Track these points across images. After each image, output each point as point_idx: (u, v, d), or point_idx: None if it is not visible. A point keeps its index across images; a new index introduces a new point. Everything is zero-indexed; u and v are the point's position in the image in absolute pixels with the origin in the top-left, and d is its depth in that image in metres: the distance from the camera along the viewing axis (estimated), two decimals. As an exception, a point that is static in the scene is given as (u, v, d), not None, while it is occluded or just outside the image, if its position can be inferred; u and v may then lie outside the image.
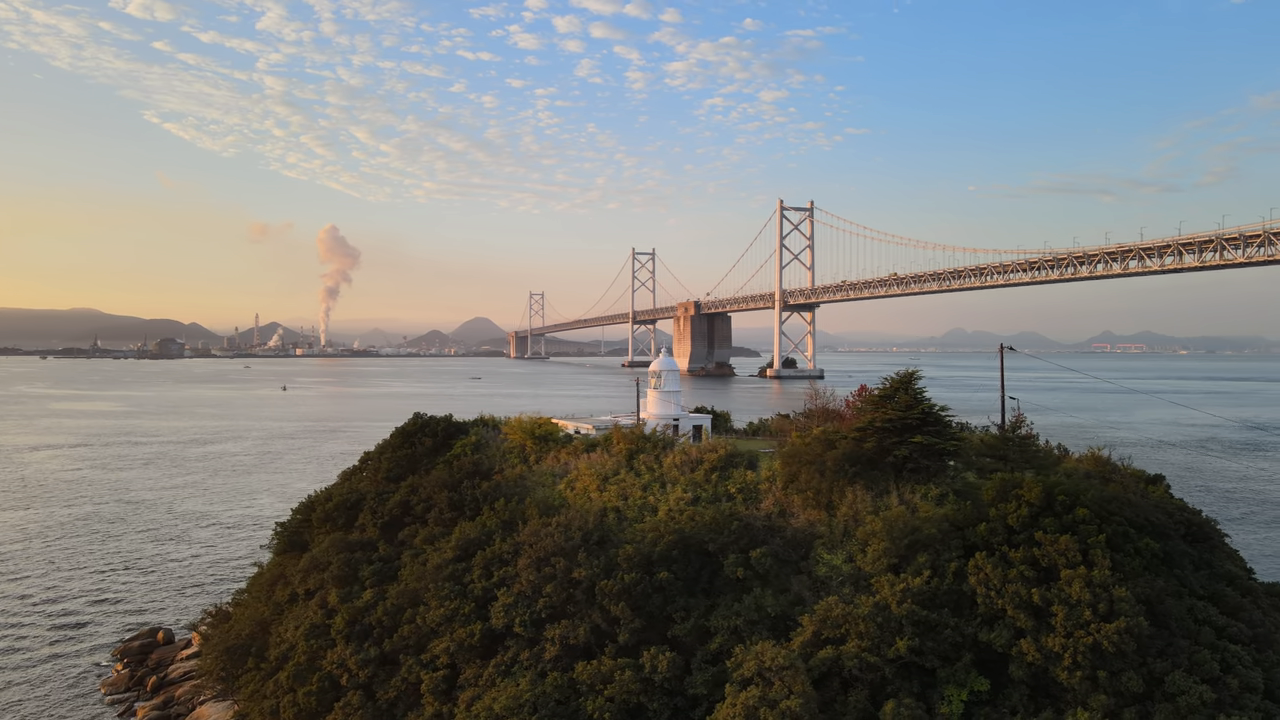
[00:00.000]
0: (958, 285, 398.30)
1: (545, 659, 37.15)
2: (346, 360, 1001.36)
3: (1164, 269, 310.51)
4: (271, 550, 61.56)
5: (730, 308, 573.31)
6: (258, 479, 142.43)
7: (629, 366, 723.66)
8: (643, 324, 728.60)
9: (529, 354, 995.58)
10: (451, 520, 46.80)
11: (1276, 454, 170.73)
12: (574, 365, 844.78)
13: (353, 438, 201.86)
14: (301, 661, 43.01)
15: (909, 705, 30.76)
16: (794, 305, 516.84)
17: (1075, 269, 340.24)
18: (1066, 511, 34.95)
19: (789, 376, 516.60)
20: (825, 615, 33.72)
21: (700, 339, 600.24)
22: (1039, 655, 30.99)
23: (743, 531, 39.03)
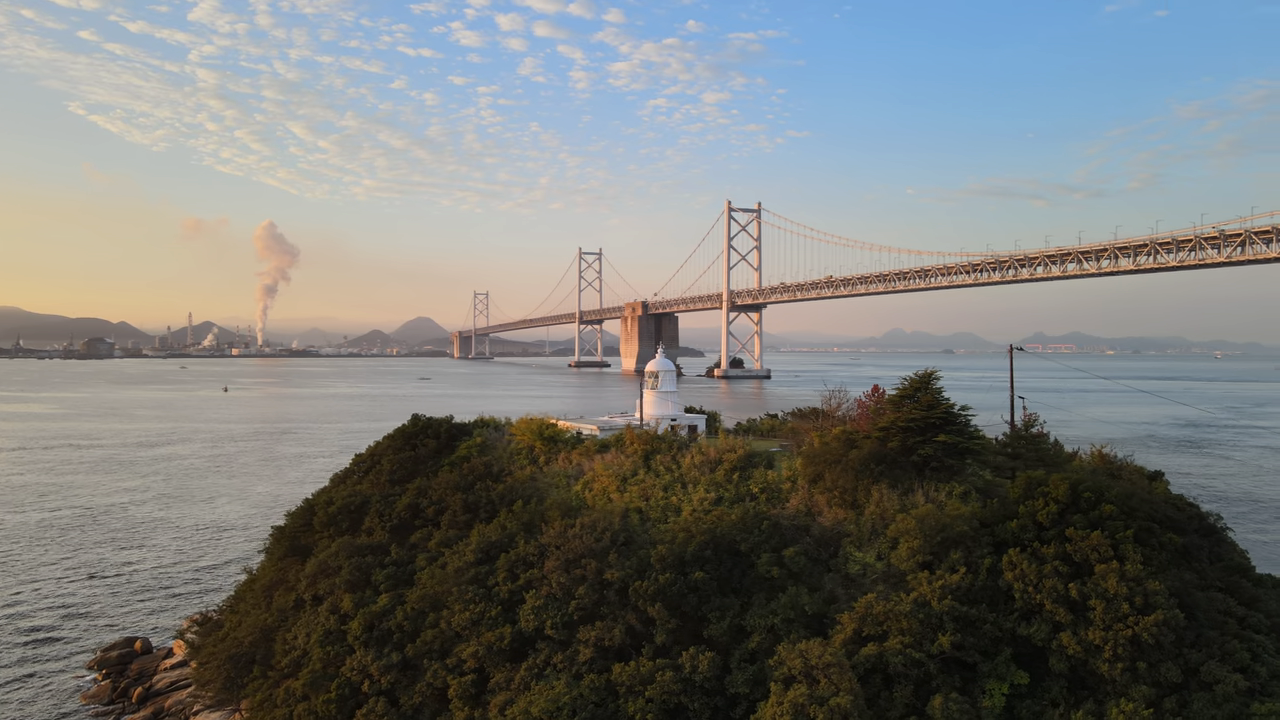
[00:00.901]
0: (903, 286, 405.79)
1: (579, 661, 36.97)
2: (285, 360, 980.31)
3: (1100, 272, 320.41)
4: (266, 555, 60.16)
5: (678, 308, 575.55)
6: (213, 482, 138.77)
7: (576, 367, 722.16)
8: (589, 324, 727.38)
9: (473, 354, 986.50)
10: (467, 523, 46.26)
11: (1214, 450, 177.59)
12: (520, 365, 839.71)
13: (305, 439, 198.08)
14: (317, 669, 42.13)
15: (956, 700, 31.36)
16: (741, 306, 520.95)
17: (1016, 271, 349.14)
18: (1092, 508, 35.98)
19: (736, 376, 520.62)
20: (866, 612, 34.17)
21: (647, 339, 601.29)
22: (1080, 648, 31.84)
23: (773, 531, 39.36)
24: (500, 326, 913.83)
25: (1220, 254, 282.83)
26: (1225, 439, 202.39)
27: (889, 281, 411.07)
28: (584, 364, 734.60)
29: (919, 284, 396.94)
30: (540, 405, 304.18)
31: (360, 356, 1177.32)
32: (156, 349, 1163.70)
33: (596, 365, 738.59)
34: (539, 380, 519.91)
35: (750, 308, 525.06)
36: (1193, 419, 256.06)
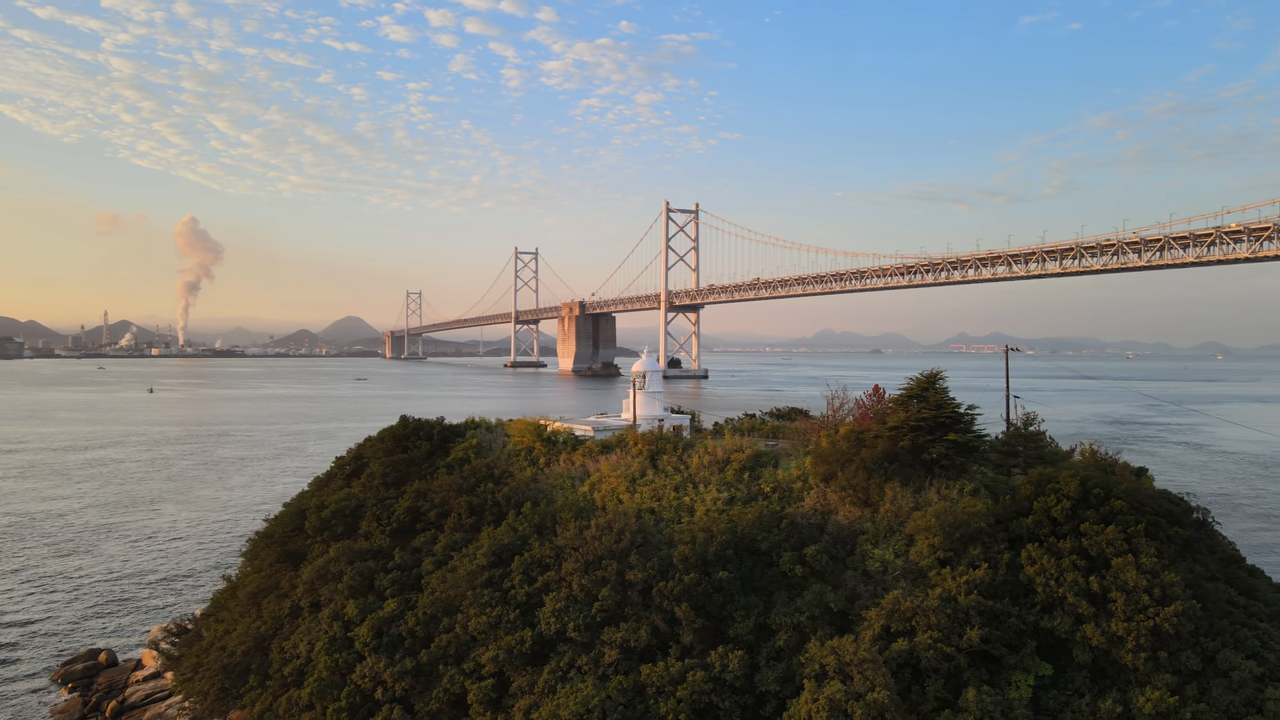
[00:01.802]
0: (840, 288, 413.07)
1: (604, 663, 36.82)
2: (209, 361, 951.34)
3: (1029, 274, 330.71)
4: (247, 561, 58.42)
5: (616, 308, 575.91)
6: (154, 487, 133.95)
7: (512, 367, 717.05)
8: (526, 324, 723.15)
9: (406, 354, 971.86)
10: (473, 526, 45.64)
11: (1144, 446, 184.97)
12: (455, 366, 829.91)
13: (244, 442, 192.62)
14: (324, 677, 41.11)
15: (988, 692, 32.16)
16: (680, 306, 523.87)
17: (949, 273, 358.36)
18: (1101, 504, 37.26)
19: (675, 376, 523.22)
20: (893, 609, 34.79)
21: (585, 339, 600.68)
22: (1104, 639, 32.96)
23: (792, 530, 39.79)
24: (434, 326, 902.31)
25: (1141, 258, 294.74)
26: (1151, 434, 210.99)
27: (826, 283, 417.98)
28: (520, 364, 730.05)
29: (855, 285, 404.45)
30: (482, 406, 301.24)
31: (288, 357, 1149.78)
32: (70, 349, 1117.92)
33: (533, 365, 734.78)
34: (477, 380, 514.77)
35: (688, 308, 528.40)
36: (1119, 416, 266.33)
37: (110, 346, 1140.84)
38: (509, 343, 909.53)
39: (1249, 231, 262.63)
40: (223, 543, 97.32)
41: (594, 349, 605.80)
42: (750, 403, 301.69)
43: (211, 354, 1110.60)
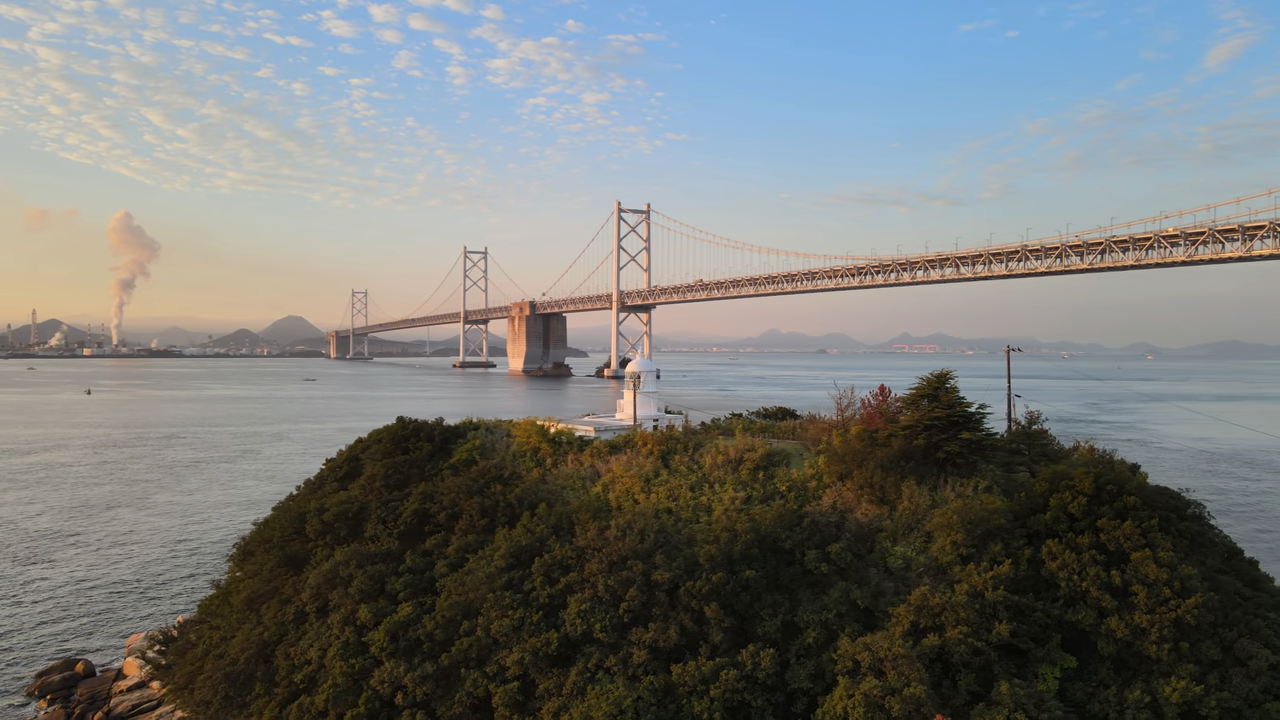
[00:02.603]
0: (792, 288, 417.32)
1: (633, 663, 36.80)
2: (146, 361, 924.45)
3: (976, 276, 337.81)
4: (236, 566, 57.08)
5: (567, 308, 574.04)
6: (109, 491, 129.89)
7: (461, 367, 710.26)
8: (475, 324, 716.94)
9: (351, 354, 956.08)
10: (485, 527, 45.20)
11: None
12: (403, 366, 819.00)
13: (196, 444, 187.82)
14: (340, 683, 40.39)
15: (1019, 685, 32.91)
16: (631, 306, 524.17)
17: (899, 274, 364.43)
18: (1114, 499, 38.37)
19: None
20: (922, 604, 35.36)
21: (535, 339, 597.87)
22: (1128, 631, 33.95)
23: (813, 528, 40.21)
24: (381, 326, 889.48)
25: (1083, 260, 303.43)
26: (1096, 432, 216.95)
27: (778, 283, 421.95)
28: (469, 364, 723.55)
29: (807, 285, 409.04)
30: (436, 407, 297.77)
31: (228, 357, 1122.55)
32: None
33: (482, 366, 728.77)
34: (427, 380, 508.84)
35: (640, 308, 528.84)
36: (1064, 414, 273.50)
37: (39, 346, 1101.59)
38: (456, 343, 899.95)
39: (1185, 236, 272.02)
40: (190, 548, 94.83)
41: (545, 349, 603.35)
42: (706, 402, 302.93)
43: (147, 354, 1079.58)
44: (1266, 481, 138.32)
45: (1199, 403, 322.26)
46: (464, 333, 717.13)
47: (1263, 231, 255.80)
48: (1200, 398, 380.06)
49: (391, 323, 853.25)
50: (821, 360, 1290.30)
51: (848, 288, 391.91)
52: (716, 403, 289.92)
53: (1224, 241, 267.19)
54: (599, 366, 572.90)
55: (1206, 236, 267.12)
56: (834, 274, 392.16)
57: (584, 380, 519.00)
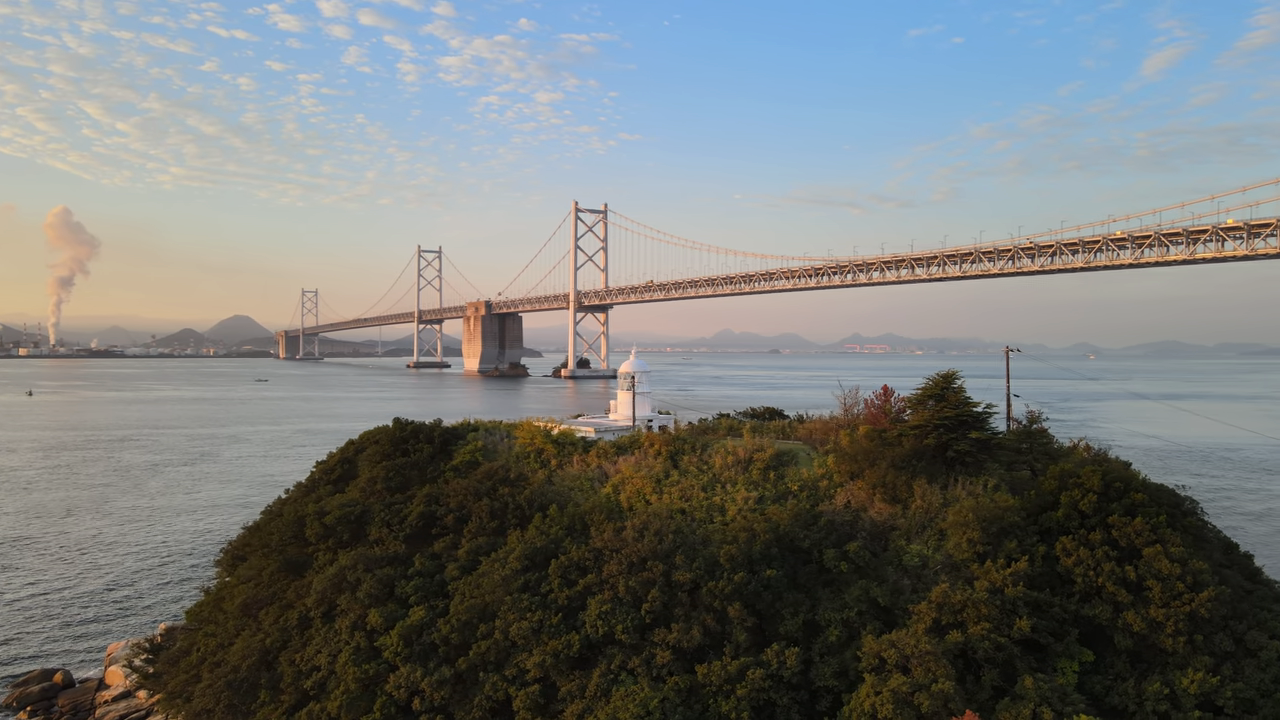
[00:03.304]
0: (748, 289, 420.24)
1: (656, 664, 36.80)
2: (86, 361, 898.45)
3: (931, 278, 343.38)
4: (227, 571, 55.86)
5: (523, 308, 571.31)
6: (65, 496, 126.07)
7: (415, 368, 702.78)
8: (429, 324, 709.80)
9: (301, 354, 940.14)
10: (496, 530, 44.81)
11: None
12: (355, 366, 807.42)
13: (151, 447, 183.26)
14: (353, 689, 39.76)
15: (1043, 679, 33.58)
16: (589, 306, 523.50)
17: (855, 275, 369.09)
18: (1122, 496, 39.35)
19: (584, 376, 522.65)
20: (943, 601, 35.88)
21: (491, 339, 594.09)
22: (1144, 625, 34.83)
23: (830, 527, 40.58)
24: (333, 325, 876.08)
25: (1034, 263, 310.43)
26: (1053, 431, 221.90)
27: (736, 284, 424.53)
28: (423, 364, 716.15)
29: (764, 286, 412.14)
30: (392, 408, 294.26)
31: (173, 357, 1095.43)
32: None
33: (437, 366, 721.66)
34: (382, 381, 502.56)
35: (597, 308, 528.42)
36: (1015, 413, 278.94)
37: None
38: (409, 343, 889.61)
39: (1132, 239, 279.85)
40: (161, 554, 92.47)
41: (500, 349, 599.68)
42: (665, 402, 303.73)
43: (87, 354, 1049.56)
44: (1225, 478, 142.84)
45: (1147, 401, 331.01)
46: (418, 333, 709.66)
47: (1205, 236, 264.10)
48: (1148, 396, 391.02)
49: (343, 322, 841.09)
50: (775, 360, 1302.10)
51: (805, 288, 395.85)
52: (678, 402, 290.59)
53: (1169, 245, 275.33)
54: (556, 366, 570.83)
55: (1152, 240, 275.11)
56: (791, 275, 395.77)
57: (541, 380, 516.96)
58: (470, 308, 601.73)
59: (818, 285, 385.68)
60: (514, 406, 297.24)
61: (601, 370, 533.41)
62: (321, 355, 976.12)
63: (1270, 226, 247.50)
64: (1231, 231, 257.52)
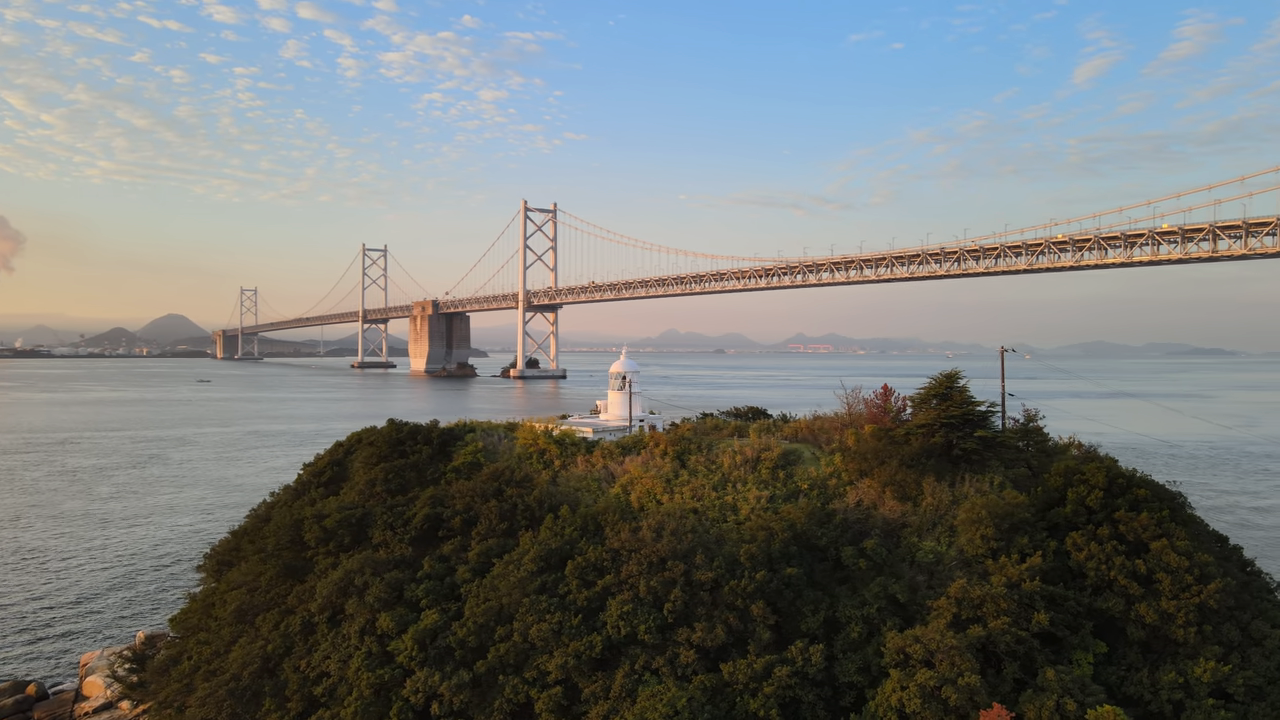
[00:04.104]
0: (699, 289, 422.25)
1: (681, 663, 36.87)
2: (10, 361, 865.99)
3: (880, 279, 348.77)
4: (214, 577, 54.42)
5: (471, 307, 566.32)
6: (10, 501, 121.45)
7: (360, 368, 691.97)
8: (374, 323, 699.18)
9: (240, 354, 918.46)
10: (506, 531, 44.38)
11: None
12: (298, 366, 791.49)
13: (93, 450, 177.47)
14: (367, 694, 39.09)
15: (1064, 670, 34.43)
16: (538, 306, 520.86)
17: (805, 276, 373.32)
18: (1125, 492, 40.56)
19: (533, 377, 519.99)
20: (962, 596, 36.56)
21: (438, 339, 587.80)
22: (1156, 617, 35.94)
23: (845, 525, 41.06)
24: (274, 325, 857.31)
25: (979, 265, 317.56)
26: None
27: (686, 284, 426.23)
28: (368, 365, 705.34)
29: (715, 286, 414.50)
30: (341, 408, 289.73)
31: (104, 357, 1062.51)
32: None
33: (382, 366, 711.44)
34: (328, 381, 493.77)
35: (546, 308, 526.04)
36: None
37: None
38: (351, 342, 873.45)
39: (1073, 242, 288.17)
40: (124, 559, 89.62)
41: (448, 349, 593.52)
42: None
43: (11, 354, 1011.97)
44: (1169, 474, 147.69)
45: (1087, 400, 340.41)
46: (363, 332, 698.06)
47: (1142, 240, 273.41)
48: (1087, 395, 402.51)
49: (284, 322, 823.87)
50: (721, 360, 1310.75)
51: (756, 289, 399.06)
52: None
53: (1107, 248, 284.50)
54: (505, 366, 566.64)
55: (1092, 244, 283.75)
56: (742, 275, 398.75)
57: (490, 381, 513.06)
58: (417, 307, 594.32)
59: (768, 286, 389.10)
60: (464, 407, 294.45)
61: (551, 370, 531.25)
62: (261, 355, 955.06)
63: (1202, 231, 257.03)
64: (1166, 236, 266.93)
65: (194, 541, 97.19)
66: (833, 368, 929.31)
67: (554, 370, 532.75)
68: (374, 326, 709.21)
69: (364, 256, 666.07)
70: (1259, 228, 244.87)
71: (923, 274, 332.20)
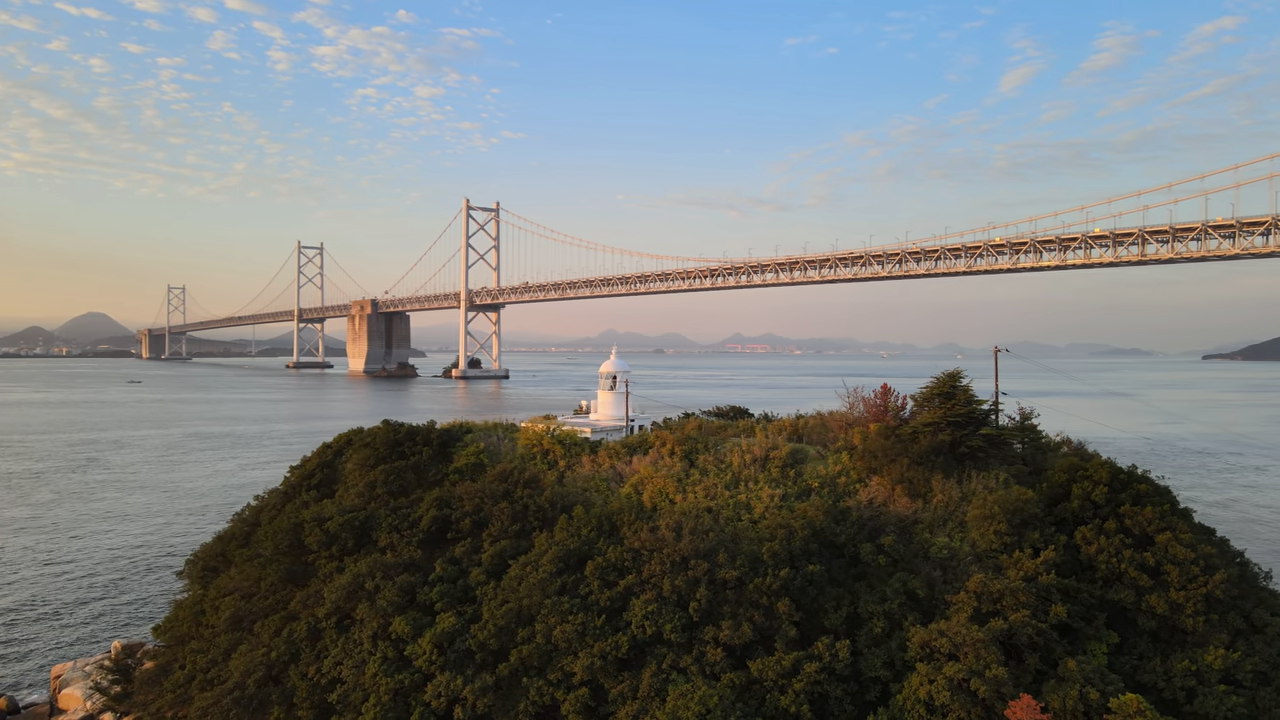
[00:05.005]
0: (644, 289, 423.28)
1: (708, 661, 37.02)
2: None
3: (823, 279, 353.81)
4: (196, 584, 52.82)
5: (411, 307, 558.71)
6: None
7: (295, 368, 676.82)
8: (310, 322, 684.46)
9: (167, 354, 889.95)
10: (519, 532, 43.94)
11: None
12: (230, 367, 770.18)
13: (25, 454, 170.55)
14: (385, 700, 38.39)
15: (1084, 660, 35.50)
16: (480, 305, 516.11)
17: (750, 276, 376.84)
18: (1127, 488, 41.97)
19: (475, 377, 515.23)
20: (982, 590, 37.42)
21: (377, 339, 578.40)
22: (1166, 607, 37.28)
23: (860, 523, 41.65)
24: (204, 324, 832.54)
25: (920, 266, 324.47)
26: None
27: (631, 284, 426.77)
28: (304, 365, 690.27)
29: (660, 286, 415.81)
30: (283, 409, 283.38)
31: (20, 357, 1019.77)
32: None
33: (319, 366, 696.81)
34: (263, 382, 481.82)
35: (489, 307, 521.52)
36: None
37: None
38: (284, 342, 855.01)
39: (1010, 245, 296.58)
40: (80, 567, 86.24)
41: (387, 349, 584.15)
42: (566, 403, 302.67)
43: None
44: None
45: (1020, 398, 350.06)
46: (298, 332, 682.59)
47: (1076, 243, 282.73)
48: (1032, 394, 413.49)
49: (215, 320, 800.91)
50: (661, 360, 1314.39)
51: (701, 289, 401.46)
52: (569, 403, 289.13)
53: (1043, 251, 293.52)
54: (446, 367, 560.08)
55: (1029, 247, 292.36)
56: (687, 275, 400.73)
57: (431, 381, 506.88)
58: (355, 306, 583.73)
59: (714, 286, 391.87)
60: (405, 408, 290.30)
61: (494, 370, 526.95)
62: (190, 355, 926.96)
63: (1132, 236, 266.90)
64: (1099, 240, 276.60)
65: (151, 547, 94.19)
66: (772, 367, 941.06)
67: (497, 370, 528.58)
68: (310, 326, 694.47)
69: (299, 254, 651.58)
70: (1184, 233, 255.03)
71: (866, 275, 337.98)
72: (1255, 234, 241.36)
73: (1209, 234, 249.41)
